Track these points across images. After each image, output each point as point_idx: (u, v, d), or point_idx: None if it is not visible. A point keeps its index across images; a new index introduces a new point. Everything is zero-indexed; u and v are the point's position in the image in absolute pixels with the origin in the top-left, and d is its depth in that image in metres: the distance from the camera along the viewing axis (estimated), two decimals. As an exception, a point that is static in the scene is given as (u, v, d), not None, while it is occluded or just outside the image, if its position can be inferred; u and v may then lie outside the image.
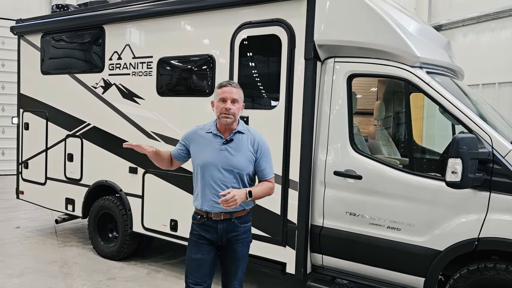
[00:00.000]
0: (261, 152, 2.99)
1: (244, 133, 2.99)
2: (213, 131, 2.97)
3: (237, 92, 2.93)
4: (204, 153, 2.95)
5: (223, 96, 2.90)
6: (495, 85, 9.41)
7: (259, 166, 2.99)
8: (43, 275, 5.00)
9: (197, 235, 3.01)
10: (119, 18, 5.31)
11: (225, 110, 2.87)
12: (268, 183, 3.02)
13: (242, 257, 3.07)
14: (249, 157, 2.95)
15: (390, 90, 4.95)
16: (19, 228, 7.00)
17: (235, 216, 2.97)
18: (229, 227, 2.97)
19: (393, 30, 3.65)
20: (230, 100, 2.88)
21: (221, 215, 2.94)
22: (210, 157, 2.92)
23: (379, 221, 3.67)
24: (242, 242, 3.04)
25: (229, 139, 2.93)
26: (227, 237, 2.98)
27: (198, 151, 2.99)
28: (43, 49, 6.20)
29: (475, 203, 3.27)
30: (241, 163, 2.92)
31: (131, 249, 5.48)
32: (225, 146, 2.92)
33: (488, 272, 3.17)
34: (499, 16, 9.43)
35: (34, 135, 6.32)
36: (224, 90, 2.91)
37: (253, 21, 4.22)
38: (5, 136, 12.32)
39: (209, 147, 2.95)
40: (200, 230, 3.00)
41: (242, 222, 3.01)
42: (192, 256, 3.01)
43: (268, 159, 3.03)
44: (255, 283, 4.93)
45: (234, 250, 3.02)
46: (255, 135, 3.02)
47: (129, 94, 5.24)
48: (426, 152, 5.07)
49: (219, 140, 2.94)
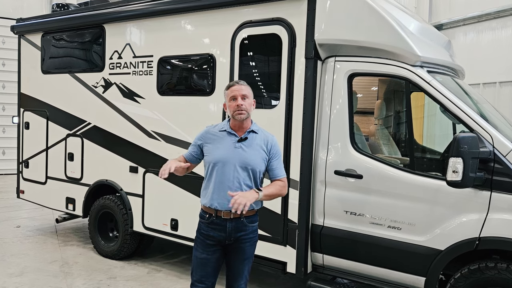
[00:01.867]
0: (274, 152, 3.03)
1: (258, 133, 3.03)
2: (227, 129, 3.00)
3: (245, 88, 2.98)
4: (219, 150, 2.97)
5: (233, 95, 2.94)
6: (495, 84, 9.41)
7: (271, 166, 3.02)
8: (44, 275, 5.01)
9: (204, 235, 3.02)
10: (120, 17, 5.30)
11: (238, 107, 2.91)
12: (280, 182, 3.03)
13: (249, 256, 3.08)
14: (263, 156, 2.98)
15: (390, 89, 4.94)
16: (19, 228, 7.00)
17: (244, 215, 2.96)
18: (238, 226, 2.97)
19: (394, 29, 3.64)
20: (240, 96, 2.92)
21: (231, 214, 2.92)
22: (225, 154, 2.94)
23: (379, 220, 3.67)
24: (250, 241, 3.05)
25: (244, 137, 2.97)
26: (235, 236, 2.98)
27: (212, 148, 3.00)
28: (43, 49, 6.20)
29: (476, 202, 3.27)
30: (256, 161, 2.95)
31: (132, 249, 5.48)
32: (239, 144, 2.95)
33: (489, 272, 3.17)
34: (499, 15, 9.42)
35: (35, 135, 6.32)
36: (233, 89, 2.96)
37: (253, 20, 4.21)
38: (6, 135, 12.33)
39: (224, 144, 2.97)
40: (208, 229, 3.00)
41: (250, 221, 3.03)
42: (197, 255, 3.04)
43: (280, 160, 3.08)
44: (256, 282, 4.92)
45: (242, 249, 3.03)
46: (268, 136, 3.07)
47: (129, 93, 5.24)
48: (427, 151, 5.06)
49: (233, 138, 2.97)
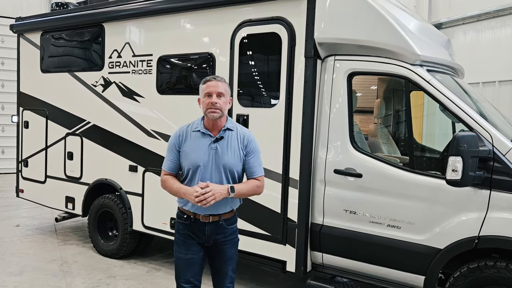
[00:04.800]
0: (251, 149, 2.88)
1: (234, 130, 2.88)
2: (201, 129, 2.85)
3: (222, 85, 2.82)
4: (194, 153, 2.83)
5: (208, 91, 2.79)
6: (495, 83, 9.40)
7: (247, 163, 2.88)
8: (43, 274, 5.00)
9: (184, 235, 2.93)
10: (119, 16, 5.29)
11: (211, 105, 2.76)
12: (255, 181, 2.90)
13: (231, 257, 2.98)
14: (239, 154, 2.86)
15: (390, 88, 4.94)
16: (19, 227, 7.00)
17: (223, 218, 2.87)
18: (217, 229, 2.88)
19: (394, 28, 3.64)
20: (216, 94, 2.77)
21: (210, 217, 2.84)
22: (200, 157, 2.81)
23: (379, 219, 3.67)
24: (230, 242, 2.95)
25: (219, 137, 2.83)
26: (214, 239, 2.89)
27: (187, 151, 2.86)
28: (42, 47, 6.19)
29: (476, 201, 3.27)
30: (233, 161, 2.83)
31: (131, 248, 5.48)
32: (215, 144, 2.81)
33: (489, 270, 3.17)
34: (499, 14, 9.42)
35: (34, 134, 6.31)
36: (209, 85, 2.81)
37: (253, 19, 4.21)
38: (5, 134, 12.31)
39: (198, 146, 2.83)
40: (187, 230, 2.92)
41: (229, 223, 2.93)
42: (181, 256, 2.94)
43: (257, 157, 2.93)
44: (255, 281, 4.93)
45: (223, 251, 2.94)
46: (245, 132, 2.93)
47: (129, 92, 5.24)
48: (426, 150, 5.06)
49: (208, 139, 2.83)
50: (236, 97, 4.32)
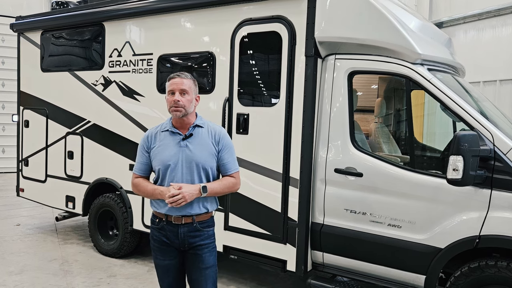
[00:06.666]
0: (223, 145, 2.80)
1: (203, 127, 2.80)
2: (169, 128, 2.77)
3: (187, 82, 2.72)
4: (164, 153, 2.74)
5: (171, 88, 2.71)
6: (496, 82, 9.39)
7: (221, 160, 2.79)
8: (44, 273, 5.00)
9: (159, 241, 2.81)
10: (119, 15, 5.29)
11: (174, 103, 2.67)
12: (230, 178, 2.82)
13: (209, 265, 2.80)
14: (212, 150, 2.76)
15: (391, 87, 4.93)
16: (19, 226, 7.00)
17: (197, 220, 2.75)
18: (191, 232, 2.74)
19: (394, 26, 3.63)
20: (179, 91, 2.68)
21: (182, 218, 2.71)
22: (170, 156, 2.72)
23: (379, 218, 3.66)
24: (207, 247, 2.79)
25: (188, 134, 2.74)
26: (189, 242, 2.75)
27: (157, 151, 2.77)
28: (43, 47, 6.19)
29: (476, 200, 3.26)
30: (205, 157, 2.73)
31: (132, 247, 5.48)
32: (184, 142, 2.73)
33: (489, 270, 3.17)
34: (500, 13, 9.40)
35: (34, 133, 6.31)
36: (172, 82, 2.71)
37: (253, 18, 4.20)
38: (5, 133, 12.32)
39: (168, 145, 2.75)
40: (160, 235, 2.79)
41: (205, 226, 2.79)
42: (159, 263, 2.85)
43: (231, 152, 2.84)
44: (255, 280, 4.93)
45: (200, 256, 2.78)
46: (216, 128, 2.84)
47: (129, 91, 5.23)
48: (427, 149, 5.05)
49: (177, 137, 2.74)
50: (237, 96, 4.31)
